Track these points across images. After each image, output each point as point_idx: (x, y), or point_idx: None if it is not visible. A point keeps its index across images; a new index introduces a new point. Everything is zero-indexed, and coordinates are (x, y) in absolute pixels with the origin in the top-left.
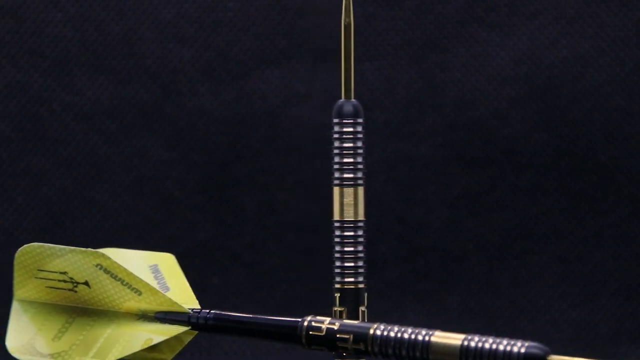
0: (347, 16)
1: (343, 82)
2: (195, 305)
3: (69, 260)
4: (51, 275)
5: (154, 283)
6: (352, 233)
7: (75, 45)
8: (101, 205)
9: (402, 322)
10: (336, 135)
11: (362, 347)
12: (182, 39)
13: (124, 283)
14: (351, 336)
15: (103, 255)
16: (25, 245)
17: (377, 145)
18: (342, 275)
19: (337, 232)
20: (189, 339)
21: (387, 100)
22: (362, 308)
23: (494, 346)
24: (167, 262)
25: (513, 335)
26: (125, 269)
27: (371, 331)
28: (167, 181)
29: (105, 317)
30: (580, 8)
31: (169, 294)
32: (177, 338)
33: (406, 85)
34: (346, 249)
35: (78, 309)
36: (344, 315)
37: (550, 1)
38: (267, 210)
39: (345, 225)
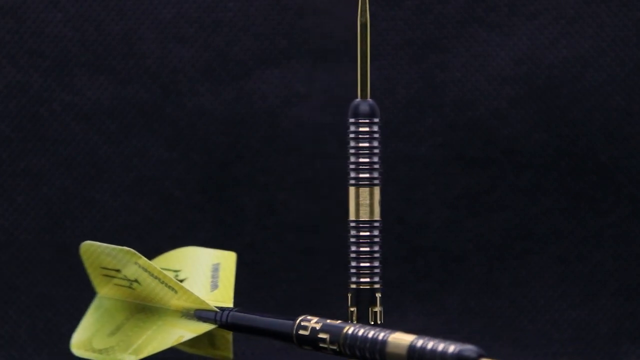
0: (363, 15)
1: (359, 82)
2: (230, 303)
3: (117, 258)
4: (111, 273)
5: (207, 281)
6: (367, 233)
7: (75, 45)
8: (101, 205)
9: (402, 322)
10: (352, 135)
11: (336, 347)
12: (182, 39)
13: (161, 281)
14: (328, 336)
15: (136, 253)
16: (83, 244)
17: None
18: (358, 275)
19: (353, 232)
20: (230, 335)
21: (387, 100)
22: (376, 309)
23: (435, 346)
24: (228, 260)
25: (513, 335)
26: (156, 268)
27: (344, 331)
28: (167, 181)
29: (155, 313)
30: (580, 8)
31: (215, 292)
32: (223, 335)
33: (406, 85)
34: (362, 249)
35: (139, 305)
36: (354, 316)
37: (550, 1)
38: (267, 210)
39: (361, 225)
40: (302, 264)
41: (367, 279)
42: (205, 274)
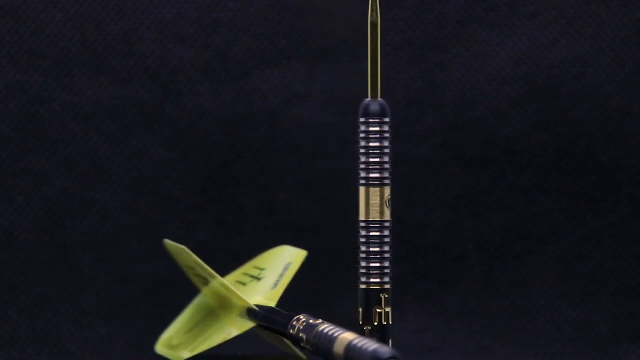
0: (374, 15)
1: (370, 81)
2: (274, 302)
3: (182, 257)
4: (190, 271)
5: (273, 280)
6: (378, 233)
7: (75, 45)
8: (101, 205)
9: (402, 322)
10: (362, 135)
11: (309, 347)
12: (182, 39)
13: (217, 281)
14: (305, 336)
15: (190, 254)
16: (165, 242)
17: None
18: (368, 275)
19: (363, 233)
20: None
21: (387, 100)
22: (386, 309)
23: (363, 346)
24: (298, 259)
25: (513, 335)
26: (206, 267)
27: (314, 331)
28: (167, 181)
29: (223, 312)
30: (580, 8)
31: (272, 291)
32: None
33: (406, 85)
34: (372, 249)
35: (216, 304)
36: (360, 316)
37: (550, 1)
38: (267, 210)
39: (371, 225)
40: (302, 264)
41: (377, 280)
42: (276, 272)
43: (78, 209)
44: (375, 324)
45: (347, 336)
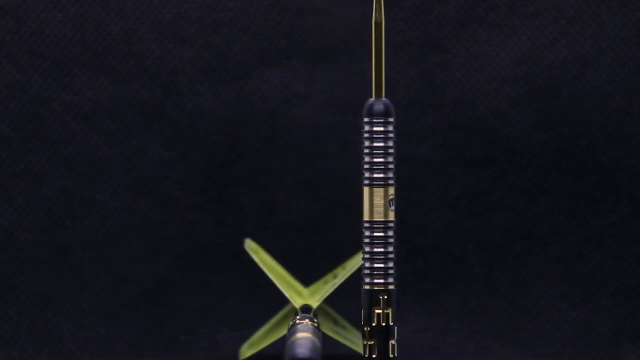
0: (378, 14)
1: (374, 81)
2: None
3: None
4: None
5: (337, 281)
6: (382, 234)
7: (75, 45)
8: (101, 205)
9: (402, 322)
10: (366, 135)
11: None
12: (182, 39)
13: (272, 278)
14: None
15: (257, 254)
16: (247, 241)
17: None
18: (372, 276)
19: (367, 233)
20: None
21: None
22: (388, 310)
23: (292, 346)
24: (356, 262)
25: (513, 335)
26: (272, 269)
27: (289, 331)
28: (167, 181)
29: (287, 312)
30: (580, 8)
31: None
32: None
33: (406, 85)
34: (376, 249)
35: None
36: (362, 317)
37: (550, 1)
38: (267, 210)
39: (375, 225)
40: (302, 264)
41: (381, 280)
42: (344, 274)
43: (78, 209)
44: (374, 324)
45: (299, 335)
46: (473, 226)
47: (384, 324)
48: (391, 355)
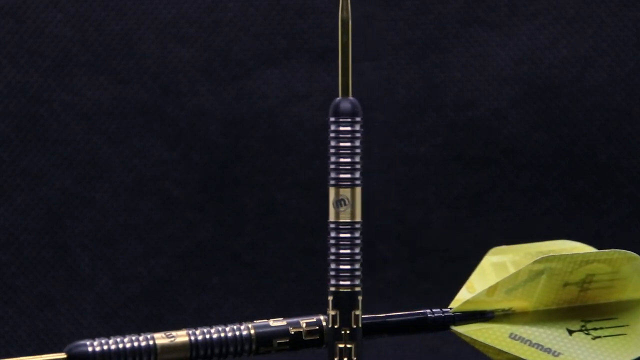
0: (344, 11)
1: (340, 79)
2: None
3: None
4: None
5: None
6: (348, 235)
7: (75, 45)
8: (101, 205)
9: None
10: (333, 134)
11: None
12: (182, 39)
13: None
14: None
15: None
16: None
17: (377, 145)
18: (337, 278)
19: (333, 234)
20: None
21: (387, 100)
22: (356, 312)
23: (222, 334)
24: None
25: None
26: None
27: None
28: (167, 181)
29: None
30: (580, 8)
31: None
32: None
33: (406, 85)
34: (342, 251)
35: None
36: (331, 319)
37: (550, 1)
38: (267, 210)
39: (341, 227)
40: (302, 264)
41: (348, 282)
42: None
43: (78, 209)
44: (354, 326)
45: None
46: (473, 226)
47: (354, 326)
48: (354, 358)
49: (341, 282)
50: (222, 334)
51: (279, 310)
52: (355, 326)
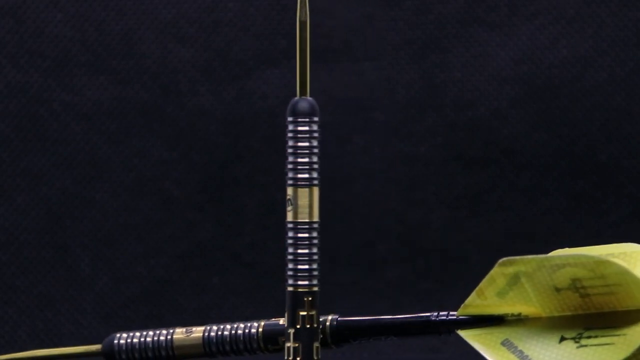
0: (302, 13)
1: (298, 79)
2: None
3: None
4: None
5: None
6: (306, 235)
7: (75, 45)
8: (101, 205)
9: None
10: (290, 134)
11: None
12: (182, 39)
13: None
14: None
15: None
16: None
17: (377, 145)
18: (295, 277)
19: (291, 234)
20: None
21: (387, 100)
22: (313, 312)
23: (233, 332)
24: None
25: None
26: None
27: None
28: (167, 181)
29: None
30: (580, 8)
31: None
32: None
33: (406, 85)
34: (299, 250)
35: None
36: (286, 319)
37: (550, 1)
38: (267, 210)
39: (299, 227)
40: None
41: (306, 282)
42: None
43: (78, 209)
44: (298, 326)
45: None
46: (473, 226)
47: (308, 326)
48: (315, 358)
49: (299, 282)
50: (233, 332)
51: (279, 311)
52: (309, 326)
